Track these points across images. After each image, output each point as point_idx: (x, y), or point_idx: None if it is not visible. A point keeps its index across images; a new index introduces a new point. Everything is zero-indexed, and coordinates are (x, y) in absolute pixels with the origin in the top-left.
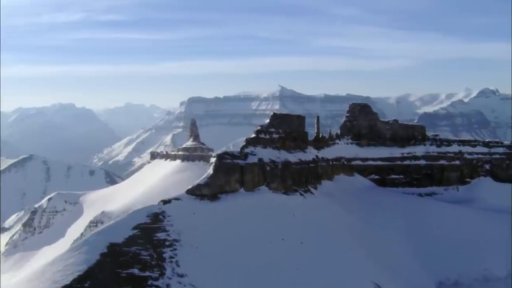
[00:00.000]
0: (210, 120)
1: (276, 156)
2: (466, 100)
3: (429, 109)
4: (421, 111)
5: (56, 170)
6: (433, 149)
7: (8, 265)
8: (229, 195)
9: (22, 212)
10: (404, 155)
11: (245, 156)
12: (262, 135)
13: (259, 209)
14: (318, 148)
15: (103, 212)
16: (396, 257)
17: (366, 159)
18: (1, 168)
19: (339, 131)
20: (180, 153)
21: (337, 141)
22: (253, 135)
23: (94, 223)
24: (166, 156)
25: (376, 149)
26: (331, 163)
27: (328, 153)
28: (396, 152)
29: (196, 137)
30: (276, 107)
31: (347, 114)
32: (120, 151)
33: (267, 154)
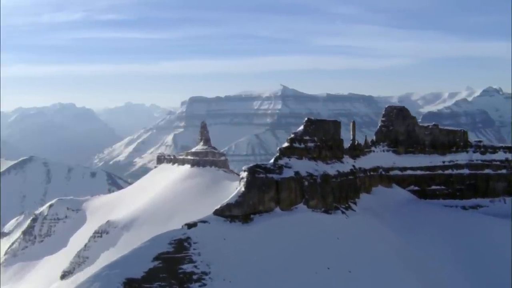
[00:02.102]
0: (211, 120)
1: (313, 168)
2: (469, 99)
3: (432, 108)
4: (424, 110)
5: (56, 171)
6: (477, 157)
7: (7, 275)
8: (263, 216)
9: (22, 217)
10: (445, 164)
11: (279, 169)
12: (297, 144)
13: (299, 232)
14: (354, 157)
15: (108, 221)
16: (449, 282)
17: (405, 169)
18: (1, 170)
19: (374, 137)
20: (189, 157)
21: (372, 148)
22: (286, 144)
23: (98, 233)
24: (174, 161)
25: (415, 157)
26: (368, 173)
27: (365, 162)
28: (436, 160)
29: (206, 141)
30: (278, 107)
31: (383, 119)
32: (121, 151)
33: (303, 166)
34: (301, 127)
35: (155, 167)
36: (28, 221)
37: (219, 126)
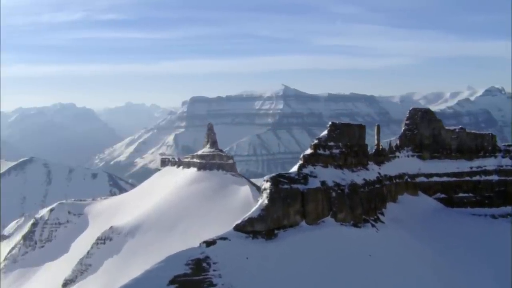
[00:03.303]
0: (212, 120)
1: (340, 177)
2: (472, 98)
3: (434, 108)
4: None
5: (57, 173)
6: (506, 162)
7: (7, 282)
8: (288, 231)
9: (23, 219)
10: (473, 170)
11: (304, 179)
12: (321, 151)
13: (328, 248)
14: (379, 163)
15: (111, 227)
16: None
17: (431, 175)
18: (1, 171)
19: (398, 142)
20: (194, 160)
21: (397, 153)
22: (310, 151)
23: (101, 239)
24: (179, 163)
25: (441, 163)
26: (394, 181)
27: (390, 168)
28: (463, 166)
29: (213, 143)
30: (280, 107)
31: (407, 122)
32: (121, 151)
33: (329, 175)
34: (325, 132)
35: (159, 169)
36: (29, 225)
37: (220, 126)
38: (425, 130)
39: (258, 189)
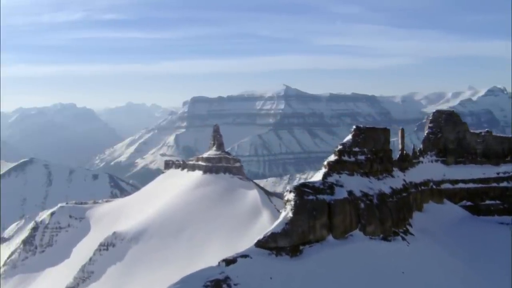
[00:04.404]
0: (213, 120)
1: (367, 186)
2: (474, 98)
3: (436, 108)
4: (427, 110)
5: (57, 174)
6: None
7: None
8: (314, 247)
9: (23, 221)
10: (500, 175)
11: (330, 188)
12: (346, 157)
13: (358, 265)
14: (403, 169)
15: (114, 233)
16: None
17: (456, 181)
18: (1, 172)
19: (421, 146)
20: (200, 163)
21: (420, 158)
22: (334, 157)
23: (104, 245)
24: (183, 166)
25: (466, 168)
26: (419, 188)
27: (414, 175)
28: (489, 171)
29: (220, 145)
30: (281, 107)
31: (430, 125)
32: (122, 152)
33: (356, 184)
34: (349, 137)
35: (160, 169)
36: (29, 229)
37: (221, 126)
38: (449, 134)
39: (267, 192)
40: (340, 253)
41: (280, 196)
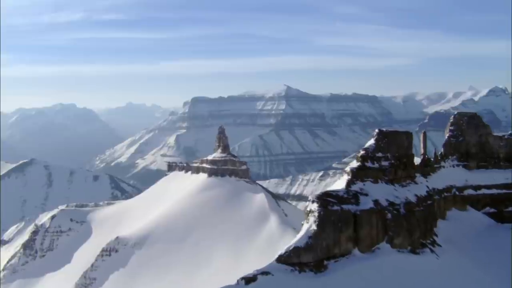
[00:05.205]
0: (214, 120)
1: (393, 194)
2: (476, 98)
3: (438, 108)
4: (428, 110)
5: (58, 175)
6: None
7: None
8: (340, 262)
9: (23, 223)
10: None
11: (355, 197)
12: (369, 163)
13: (387, 281)
14: (425, 175)
15: (117, 238)
16: None
17: (479, 187)
18: (1, 174)
19: (442, 150)
20: (204, 165)
21: (442, 163)
22: (357, 163)
23: (107, 251)
24: (187, 168)
25: (488, 173)
26: (442, 195)
27: (436, 181)
28: None
29: (225, 148)
30: (282, 107)
31: (451, 128)
32: (122, 152)
33: (382, 192)
34: (371, 141)
35: (160, 170)
36: (29, 233)
37: None
38: (471, 137)
39: (274, 196)
40: (368, 268)
41: (283, 198)
